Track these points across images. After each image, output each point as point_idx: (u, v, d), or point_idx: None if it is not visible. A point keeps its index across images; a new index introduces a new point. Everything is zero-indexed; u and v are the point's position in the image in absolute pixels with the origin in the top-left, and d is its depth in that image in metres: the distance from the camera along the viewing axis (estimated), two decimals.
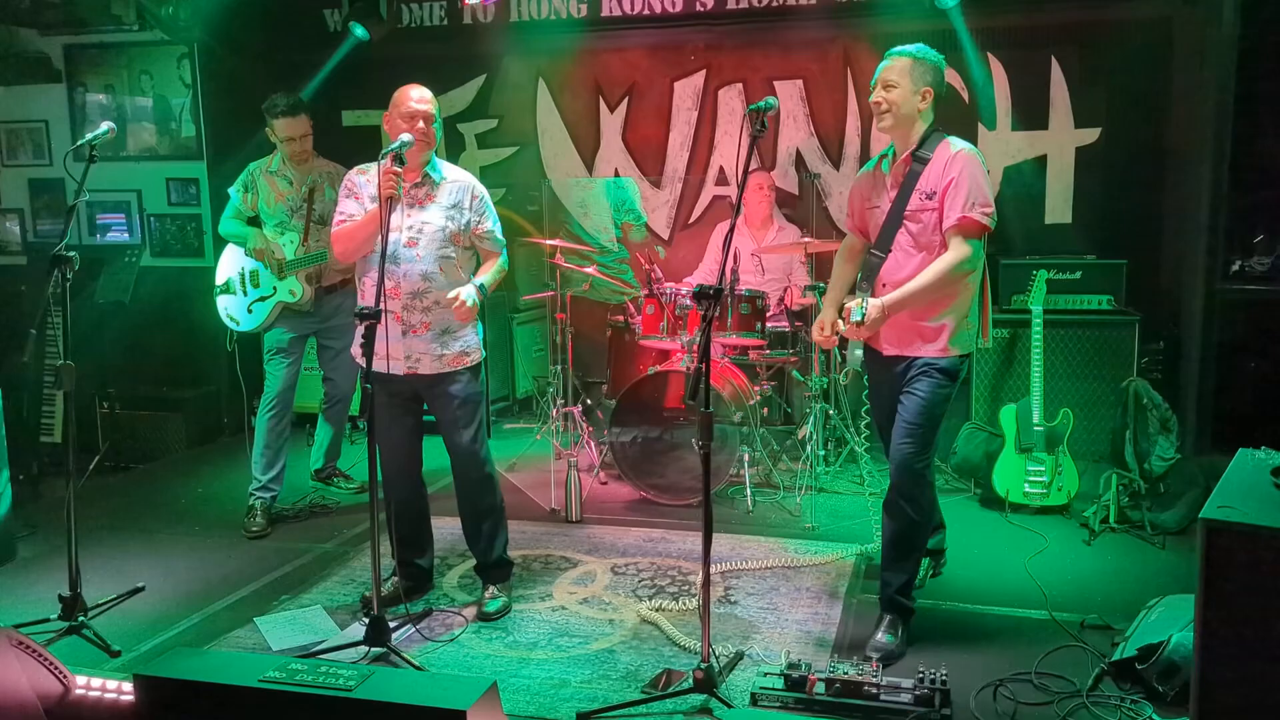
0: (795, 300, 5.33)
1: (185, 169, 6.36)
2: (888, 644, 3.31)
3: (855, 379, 5.47)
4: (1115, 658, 3.12)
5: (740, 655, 3.32)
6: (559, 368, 5.56)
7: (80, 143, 3.76)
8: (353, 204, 3.62)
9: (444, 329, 3.59)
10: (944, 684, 2.90)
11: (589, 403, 5.93)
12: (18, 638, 2.46)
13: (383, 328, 3.40)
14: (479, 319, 3.72)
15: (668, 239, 6.51)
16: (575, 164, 6.60)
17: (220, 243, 4.85)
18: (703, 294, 2.97)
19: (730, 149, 6.23)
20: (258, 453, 4.69)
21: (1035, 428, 4.61)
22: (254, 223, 4.72)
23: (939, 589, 3.82)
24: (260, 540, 4.54)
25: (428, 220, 3.57)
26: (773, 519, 4.68)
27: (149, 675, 2.23)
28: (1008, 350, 5.23)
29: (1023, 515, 4.59)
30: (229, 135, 6.17)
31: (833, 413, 5.18)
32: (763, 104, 3.16)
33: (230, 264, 4.75)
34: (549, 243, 5.52)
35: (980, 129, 5.81)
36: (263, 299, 4.67)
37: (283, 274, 4.63)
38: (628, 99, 6.45)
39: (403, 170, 3.43)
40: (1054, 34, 5.68)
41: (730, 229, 3.15)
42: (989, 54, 5.75)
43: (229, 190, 4.76)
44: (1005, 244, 5.52)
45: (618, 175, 6.53)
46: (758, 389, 5.12)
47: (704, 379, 2.91)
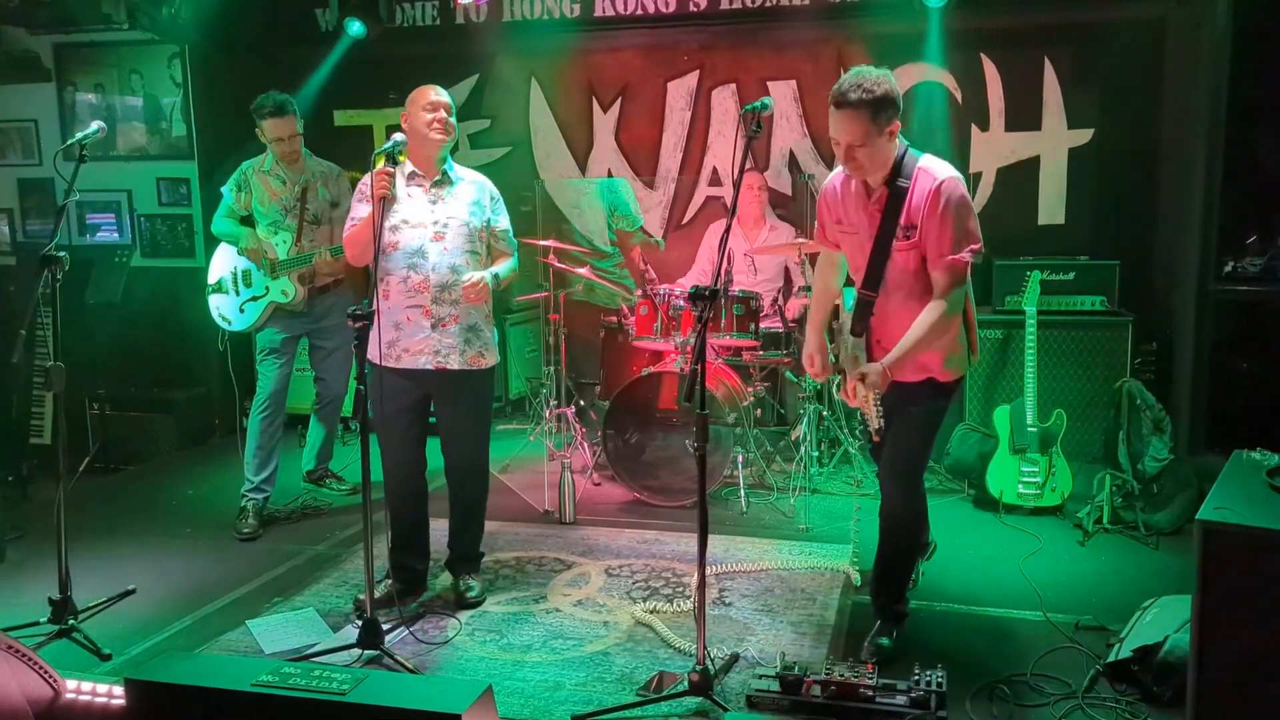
0: (796, 309, 5.32)
1: (176, 169, 6.33)
2: (883, 646, 3.30)
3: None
4: (1111, 659, 3.12)
5: (736, 657, 3.31)
6: (552, 369, 5.55)
7: (70, 142, 3.74)
8: (362, 208, 3.63)
9: (470, 324, 3.66)
10: (940, 686, 2.90)
11: (582, 404, 5.92)
12: (7, 641, 2.43)
13: (410, 323, 3.56)
14: (493, 321, 3.78)
15: (661, 240, 6.50)
16: (568, 164, 6.58)
17: (212, 242, 4.82)
18: (698, 295, 2.96)
19: (724, 149, 6.23)
20: (250, 454, 4.66)
21: (1029, 429, 4.61)
22: (247, 222, 4.69)
23: (934, 590, 3.82)
24: (252, 542, 4.51)
25: (453, 215, 3.63)
26: (767, 520, 4.67)
27: (140, 679, 2.21)
28: (1001, 351, 5.23)
29: (1016, 516, 4.59)
30: (220, 135, 6.15)
31: (826, 414, 5.18)
32: (758, 104, 3.15)
33: (222, 263, 4.73)
34: (543, 243, 5.50)
35: (973, 130, 5.81)
36: (255, 299, 4.64)
37: (275, 274, 4.60)
38: (621, 99, 6.44)
39: (416, 165, 3.45)
40: (1047, 35, 5.69)
41: (726, 230, 3.14)
42: (982, 55, 5.76)
43: (221, 189, 4.73)
44: (998, 245, 5.51)
45: (610, 176, 6.52)
46: (751, 390, 5.11)
47: (699, 380, 2.90)
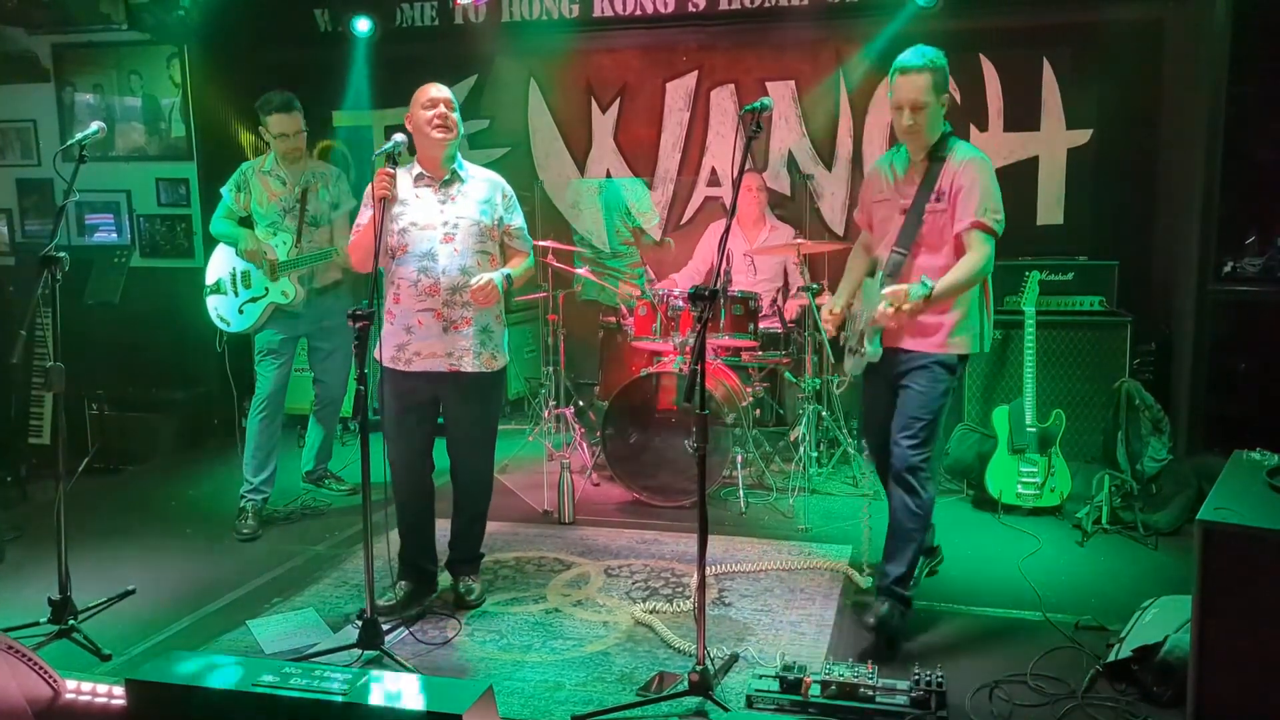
0: (795, 309, 5.32)
1: (175, 169, 6.33)
2: (885, 614, 3.34)
3: (848, 382, 5.48)
4: (1110, 659, 3.12)
5: (735, 657, 3.31)
6: (551, 369, 5.55)
7: (70, 143, 3.73)
8: (368, 212, 3.61)
9: (483, 326, 3.63)
10: (940, 686, 2.90)
11: (581, 404, 5.92)
12: (6, 641, 2.42)
13: (422, 326, 3.53)
14: (505, 321, 3.75)
15: (660, 240, 6.51)
16: (567, 165, 6.59)
17: (211, 242, 4.82)
18: (697, 295, 2.96)
19: (723, 150, 6.24)
20: (248, 455, 4.66)
21: (1028, 429, 4.61)
22: (245, 223, 4.69)
23: (933, 590, 3.82)
24: (251, 543, 4.51)
25: (462, 215, 3.59)
26: (766, 521, 4.67)
27: (141, 679, 2.21)
28: (1000, 351, 5.23)
29: (1015, 516, 4.59)
30: (219, 136, 6.15)
31: (825, 414, 5.18)
32: (758, 104, 3.16)
33: (221, 264, 4.72)
34: (542, 243, 5.51)
35: (972, 130, 5.82)
36: (254, 300, 4.64)
37: (276, 275, 4.60)
38: (620, 99, 6.44)
39: (425, 166, 3.45)
40: (1046, 35, 5.69)
41: (725, 231, 3.14)
42: (980, 55, 5.76)
43: (221, 190, 4.73)
44: (998, 245, 5.50)
45: (609, 176, 6.52)
46: (750, 390, 5.11)
47: (699, 381, 2.90)
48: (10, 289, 6.34)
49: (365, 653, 3.26)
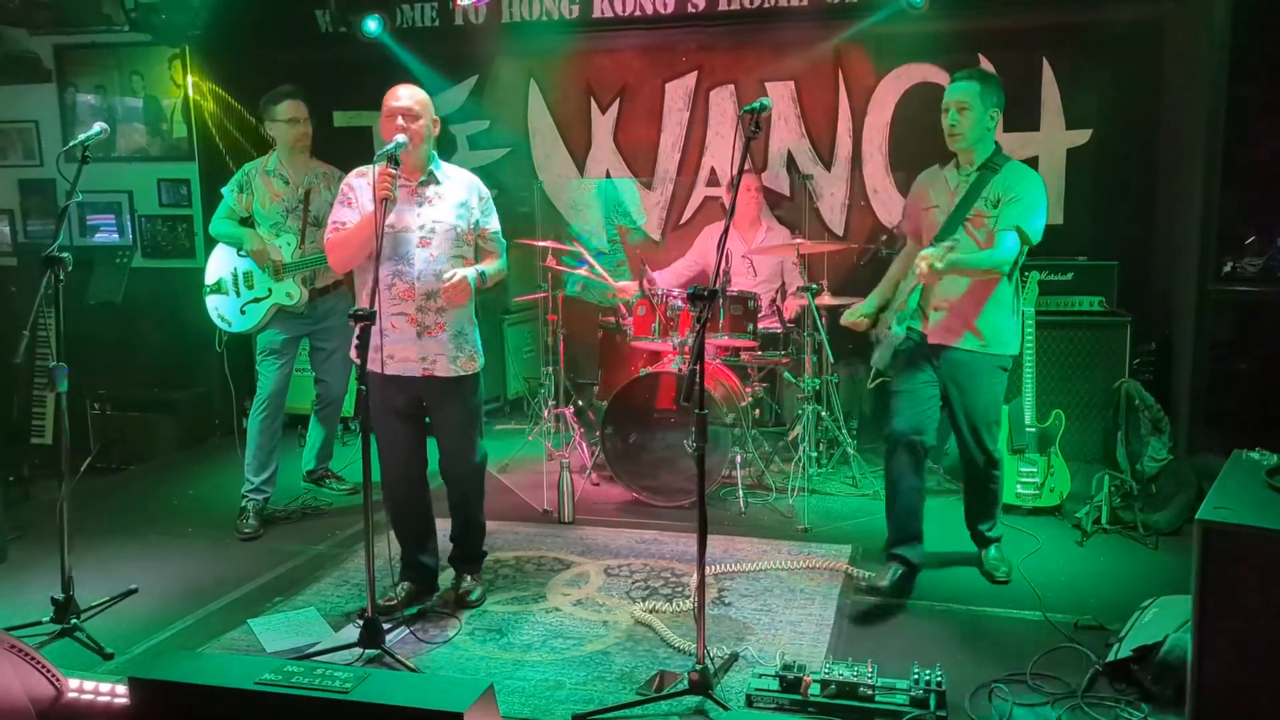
0: (794, 309, 5.33)
1: (176, 170, 6.34)
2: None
3: (847, 382, 5.47)
4: (1110, 658, 3.13)
5: (735, 657, 3.32)
6: (550, 369, 5.56)
7: (73, 144, 3.74)
8: (346, 211, 3.59)
9: (458, 330, 3.60)
10: (939, 685, 2.91)
11: (580, 404, 5.93)
12: (9, 640, 2.43)
13: (395, 330, 3.46)
14: (476, 320, 3.72)
15: (659, 240, 6.51)
16: (566, 165, 6.59)
17: (212, 242, 4.82)
18: (696, 295, 2.97)
19: (722, 150, 6.24)
20: (250, 455, 4.67)
21: (1027, 429, 4.62)
22: (246, 223, 4.70)
23: (933, 590, 3.83)
24: (253, 542, 4.52)
25: (439, 219, 3.56)
26: (765, 520, 4.68)
27: (144, 678, 2.22)
28: None
29: (1015, 516, 4.59)
30: (220, 136, 6.15)
31: (824, 414, 5.18)
32: (757, 105, 3.17)
33: (221, 264, 4.73)
34: (541, 244, 5.52)
35: None
36: (257, 300, 4.65)
37: (281, 276, 4.61)
38: (619, 100, 6.45)
39: (401, 170, 3.43)
40: (1045, 35, 5.69)
41: (724, 231, 3.15)
42: (980, 55, 5.76)
43: (222, 190, 4.74)
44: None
45: (609, 176, 6.52)
46: (749, 390, 5.12)
47: (698, 380, 2.91)
48: (13, 289, 6.36)
49: (366, 652, 3.27)
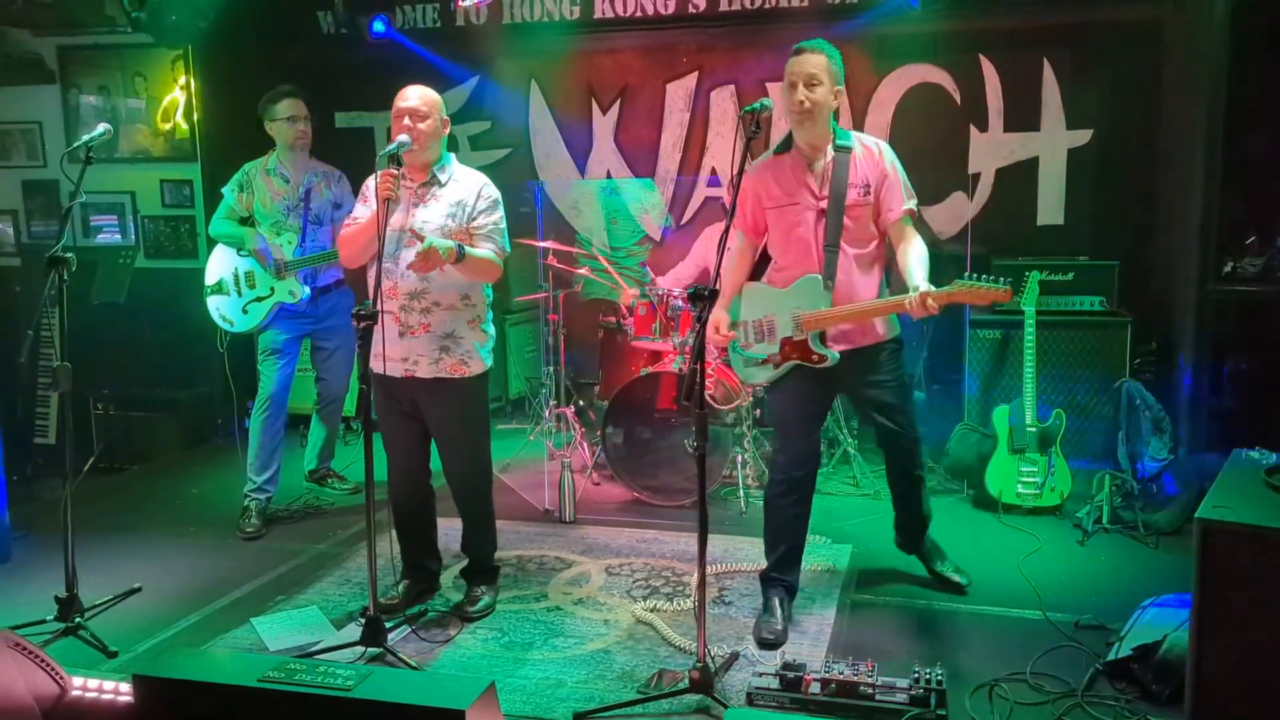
0: None
1: (179, 170, 6.36)
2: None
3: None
4: (1110, 658, 3.14)
5: (736, 655, 3.33)
6: (551, 369, 5.57)
7: (76, 144, 3.75)
8: (361, 208, 3.62)
9: (446, 333, 3.55)
10: (939, 684, 2.92)
11: (581, 404, 5.94)
12: (14, 639, 2.45)
13: (380, 329, 3.41)
14: (486, 330, 3.69)
15: (659, 240, 6.52)
16: (567, 165, 6.60)
17: (214, 243, 4.83)
18: (697, 295, 2.98)
19: (723, 150, 6.25)
20: (252, 454, 4.68)
21: (1028, 429, 4.63)
22: (247, 223, 4.71)
23: (934, 588, 3.84)
24: (255, 541, 4.54)
25: (428, 219, 3.53)
26: None
27: (147, 675, 2.23)
28: (1000, 351, 5.25)
29: (1015, 516, 4.60)
30: (223, 137, 6.17)
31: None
32: (757, 105, 3.18)
33: (222, 264, 4.74)
34: (542, 244, 5.53)
35: (972, 131, 5.83)
36: (259, 299, 4.66)
37: (283, 275, 4.62)
38: (620, 100, 6.46)
39: (404, 170, 3.44)
40: (1046, 35, 5.70)
41: (725, 231, 3.16)
42: (980, 55, 5.77)
43: (222, 190, 4.75)
44: (997, 245, 5.54)
45: (609, 177, 6.53)
46: (750, 390, 5.12)
47: (699, 380, 2.92)
48: (17, 289, 6.38)
49: (368, 650, 3.29)
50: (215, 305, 4.73)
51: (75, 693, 2.51)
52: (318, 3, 6.23)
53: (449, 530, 4.00)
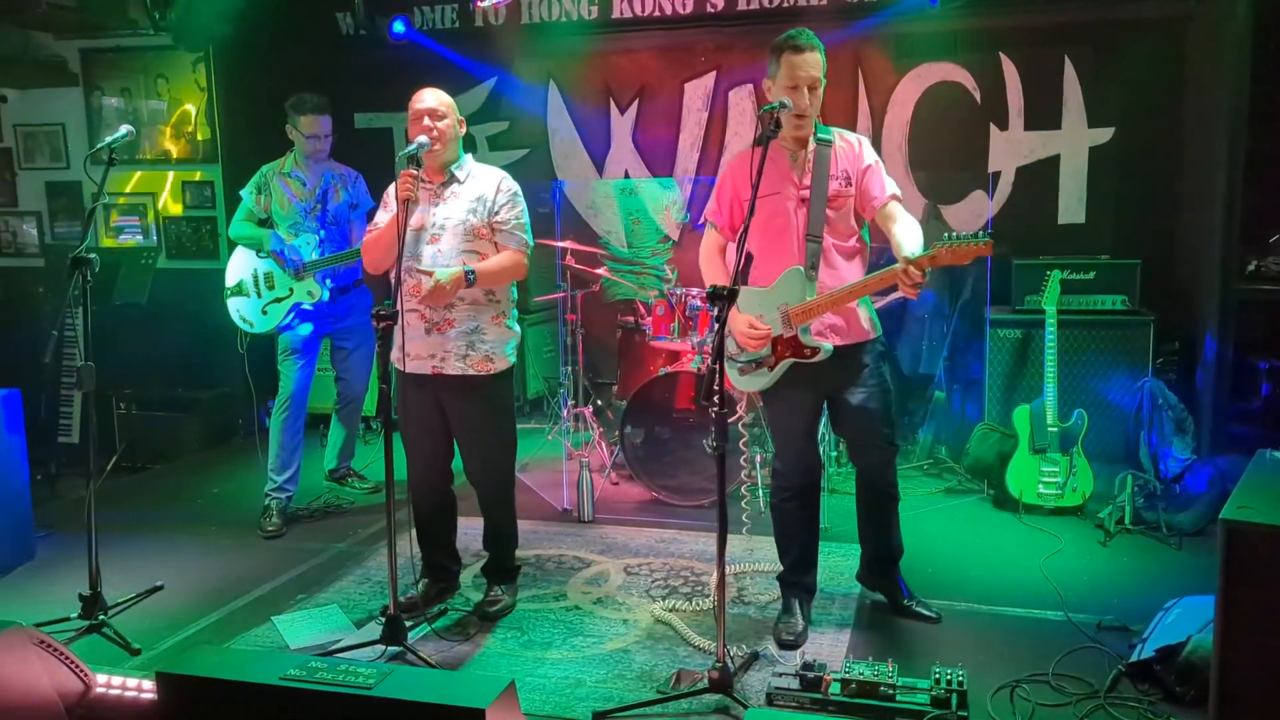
0: None
1: (200, 172, 6.40)
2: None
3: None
4: (1133, 659, 3.11)
5: (755, 655, 3.32)
6: (570, 368, 5.58)
7: (99, 146, 3.78)
8: (382, 214, 3.65)
9: (471, 328, 3.57)
10: (960, 685, 2.90)
11: (600, 403, 5.94)
12: (39, 636, 2.48)
13: (409, 327, 3.47)
14: (511, 326, 3.70)
15: (678, 240, 6.52)
16: (586, 165, 6.61)
17: (234, 245, 4.87)
18: (715, 295, 2.97)
19: (740, 150, 6.23)
20: (273, 454, 4.71)
21: (1049, 428, 4.60)
22: (265, 225, 4.75)
23: (954, 590, 3.82)
24: (276, 540, 4.57)
25: (449, 215, 3.56)
26: None
27: (171, 673, 2.25)
28: (1021, 351, 5.22)
29: (1037, 516, 4.58)
30: (244, 139, 6.21)
31: None
32: (775, 104, 3.18)
33: (241, 266, 4.77)
34: (560, 244, 5.53)
35: (992, 129, 5.80)
36: (279, 300, 4.69)
37: (302, 275, 4.65)
38: (638, 100, 6.46)
39: (424, 172, 3.46)
40: (1067, 33, 5.66)
41: (744, 230, 3.15)
42: (1000, 53, 5.74)
43: (240, 192, 4.79)
44: (1018, 244, 5.51)
45: (627, 176, 6.54)
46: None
47: (718, 380, 2.91)
48: (41, 290, 6.44)
49: (389, 649, 3.30)
50: (235, 306, 4.77)
51: (99, 690, 2.54)
52: (337, 4, 6.27)
53: (469, 530, 4.02)
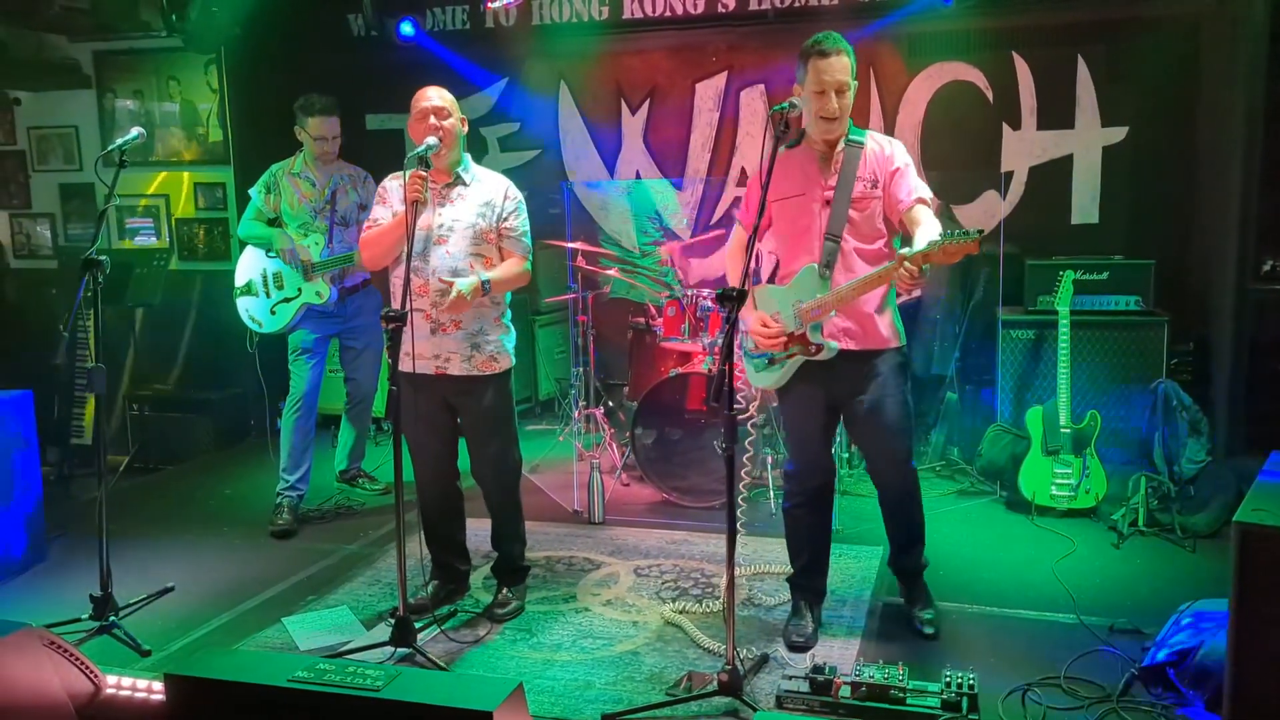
0: None
1: (212, 174, 6.43)
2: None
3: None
4: (1146, 663, 3.09)
5: (765, 658, 3.31)
6: (581, 369, 5.57)
7: (110, 148, 3.80)
8: (380, 210, 3.64)
9: (475, 329, 3.58)
10: (971, 688, 2.88)
11: (611, 404, 5.94)
12: (49, 637, 2.49)
13: (411, 328, 3.43)
14: (508, 324, 3.72)
15: (689, 240, 6.51)
16: (597, 166, 6.61)
17: (244, 245, 4.88)
18: (725, 296, 2.96)
19: (753, 150, 6.22)
20: (283, 454, 4.73)
21: (1062, 430, 4.57)
22: (274, 224, 4.76)
23: (966, 592, 3.80)
24: (286, 541, 4.58)
25: (458, 217, 3.56)
26: None
27: (179, 675, 2.25)
28: (1034, 352, 5.19)
29: (1049, 518, 4.55)
30: (256, 140, 6.23)
31: None
32: (785, 105, 3.17)
33: (251, 266, 4.79)
34: (571, 245, 5.53)
35: (1005, 128, 5.77)
36: (287, 300, 4.70)
37: (311, 275, 4.66)
38: (649, 101, 6.45)
39: (430, 172, 3.46)
40: (1080, 33, 5.62)
41: (754, 231, 3.14)
42: (1013, 53, 5.71)
43: (250, 191, 4.80)
44: (1031, 244, 5.48)
45: (639, 177, 6.53)
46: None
47: (728, 381, 2.90)
48: (54, 291, 6.48)
49: (398, 650, 3.30)
50: (245, 306, 4.78)
51: (109, 691, 2.54)
52: (349, 6, 6.29)
53: (478, 531, 4.02)
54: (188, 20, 5.70)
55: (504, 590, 3.79)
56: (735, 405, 2.93)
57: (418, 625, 3.40)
